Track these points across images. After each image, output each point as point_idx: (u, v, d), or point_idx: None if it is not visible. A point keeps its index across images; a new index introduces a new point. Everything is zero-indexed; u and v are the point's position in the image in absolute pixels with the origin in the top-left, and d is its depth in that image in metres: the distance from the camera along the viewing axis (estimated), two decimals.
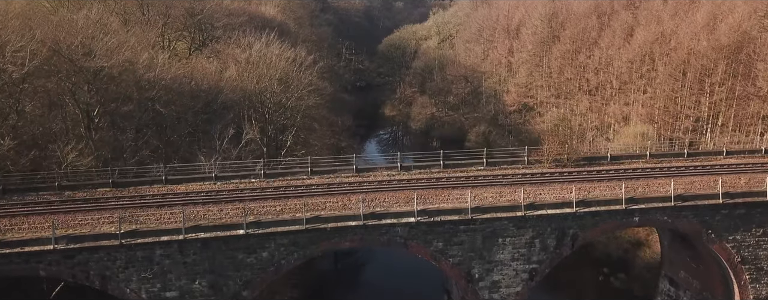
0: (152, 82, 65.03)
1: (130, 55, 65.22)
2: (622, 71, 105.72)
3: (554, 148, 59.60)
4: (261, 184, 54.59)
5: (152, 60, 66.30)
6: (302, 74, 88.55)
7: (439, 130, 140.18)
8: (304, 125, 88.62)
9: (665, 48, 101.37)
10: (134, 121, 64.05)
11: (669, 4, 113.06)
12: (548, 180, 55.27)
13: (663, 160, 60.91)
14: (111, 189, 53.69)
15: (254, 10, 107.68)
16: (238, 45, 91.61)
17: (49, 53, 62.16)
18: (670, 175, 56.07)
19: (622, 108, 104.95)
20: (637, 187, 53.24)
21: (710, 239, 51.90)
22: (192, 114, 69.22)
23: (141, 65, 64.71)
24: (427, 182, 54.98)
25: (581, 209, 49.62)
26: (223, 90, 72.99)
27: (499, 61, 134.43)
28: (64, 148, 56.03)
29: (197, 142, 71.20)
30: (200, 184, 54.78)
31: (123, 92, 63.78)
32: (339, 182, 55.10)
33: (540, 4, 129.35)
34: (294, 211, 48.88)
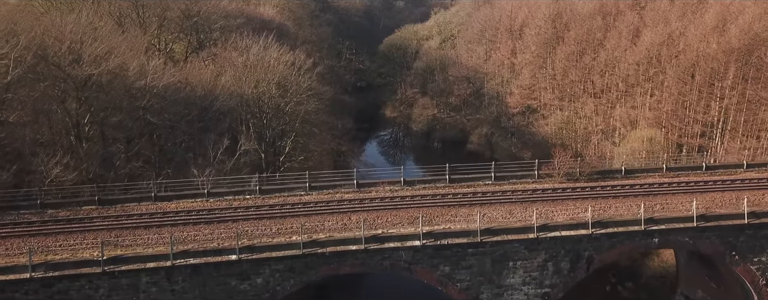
0: (143, 90, 60.98)
1: (120, 61, 61.17)
2: (628, 74, 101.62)
3: (566, 162, 55.56)
4: (256, 202, 50.68)
5: (143, 67, 62.11)
6: (301, 78, 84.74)
7: (440, 131, 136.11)
8: (303, 130, 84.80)
9: (673, 50, 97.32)
10: (124, 132, 59.98)
11: (676, 5, 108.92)
12: (560, 197, 51.32)
13: (680, 174, 56.94)
14: (96, 207, 49.85)
15: (252, 11, 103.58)
16: (236, 48, 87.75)
17: (35, 60, 58.18)
18: (690, 191, 52.15)
19: (629, 111, 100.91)
20: (654, 205, 49.31)
21: (734, 261, 47.98)
22: (186, 123, 65.13)
23: (132, 72, 60.61)
24: (432, 199, 51.00)
25: (597, 231, 45.73)
26: (219, 97, 68.85)
27: (502, 62, 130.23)
28: (48, 162, 52.03)
29: (192, 150, 67.13)
30: (192, 202, 50.88)
31: (112, 101, 59.69)
32: (338, 199, 51.18)
33: (543, 5, 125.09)
34: (291, 232, 45.07)
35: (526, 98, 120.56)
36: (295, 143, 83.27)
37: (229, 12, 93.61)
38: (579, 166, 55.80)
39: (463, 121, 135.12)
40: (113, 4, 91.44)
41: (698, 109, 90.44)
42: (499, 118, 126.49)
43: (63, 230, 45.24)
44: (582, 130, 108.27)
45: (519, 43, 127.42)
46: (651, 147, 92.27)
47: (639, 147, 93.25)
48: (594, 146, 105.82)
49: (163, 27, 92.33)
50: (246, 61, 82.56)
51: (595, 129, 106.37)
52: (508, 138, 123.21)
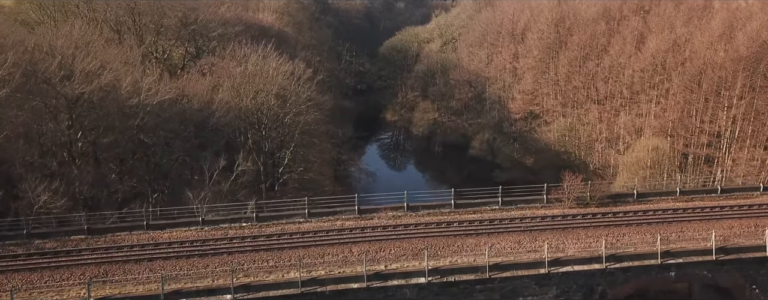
0: (137, 107, 57.96)
1: (113, 77, 58.18)
2: (633, 81, 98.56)
3: (575, 186, 52.53)
4: (252, 231, 47.74)
5: (137, 83, 59.08)
6: (301, 88, 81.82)
7: (441, 135, 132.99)
8: (302, 141, 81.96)
9: (679, 57, 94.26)
10: (117, 152, 57.02)
11: (681, 10, 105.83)
12: (571, 224, 48.38)
13: (694, 198, 53.97)
14: (86, 237, 46.88)
15: (251, 18, 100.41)
16: (234, 57, 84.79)
17: (23, 79, 55.20)
18: (706, 218, 49.23)
19: (634, 119, 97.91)
20: (669, 234, 46.39)
21: (754, 295, 45.06)
22: (181, 139, 62.14)
23: (124, 90, 57.60)
24: (436, 228, 48.02)
25: (612, 265, 42.79)
26: (215, 111, 65.83)
27: (504, 66, 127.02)
28: (36, 188, 49.08)
29: (188, 166, 64.14)
30: (185, 231, 47.91)
31: (104, 120, 56.70)
32: (339, 227, 48.19)
33: (546, 8, 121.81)
34: (289, 265, 42.21)
35: (528, 104, 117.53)
36: (294, 154, 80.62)
37: (227, 19, 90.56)
38: (589, 190, 52.73)
39: (465, 126, 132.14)
40: (109, 11, 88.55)
41: (705, 119, 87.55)
42: (501, 123, 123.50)
43: (49, 265, 42.30)
44: (585, 137, 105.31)
45: (521, 47, 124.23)
46: (657, 157, 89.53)
47: (644, 157, 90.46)
48: (598, 154, 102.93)
49: (161, 34, 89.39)
50: (244, 71, 79.69)
51: (598, 136, 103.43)
52: (511, 143, 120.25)
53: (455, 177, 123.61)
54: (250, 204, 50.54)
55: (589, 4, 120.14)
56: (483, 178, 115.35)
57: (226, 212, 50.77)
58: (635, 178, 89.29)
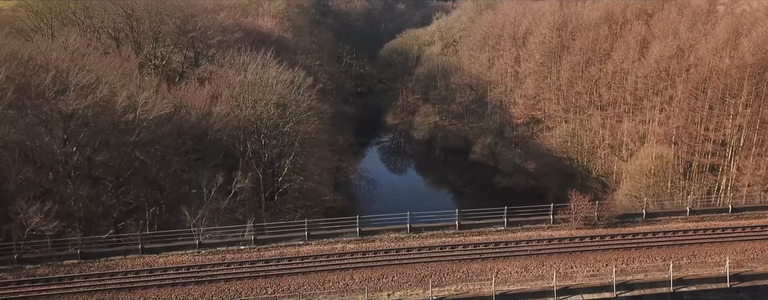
0: (133, 123, 56.00)
1: (107, 92, 56.22)
2: (636, 87, 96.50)
3: (583, 206, 50.57)
4: (250, 255, 45.82)
5: (132, 98, 57.12)
6: (301, 97, 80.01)
7: (442, 140, 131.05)
8: (302, 151, 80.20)
9: (683, 64, 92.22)
10: (112, 169, 55.07)
11: (685, 15, 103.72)
12: (579, 248, 46.48)
13: (705, 218, 52.01)
14: (79, 261, 44.94)
15: (250, 24, 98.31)
16: (233, 65, 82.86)
17: (16, 95, 53.27)
18: (718, 240, 47.34)
19: (637, 126, 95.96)
20: (681, 258, 44.54)
21: None
22: (178, 154, 60.21)
23: (120, 106, 55.61)
24: (440, 251, 46.11)
25: (622, 293, 40.94)
26: (214, 124, 63.89)
27: (505, 70, 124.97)
28: (28, 209, 47.19)
29: (186, 182, 62.15)
30: (181, 255, 45.99)
31: (99, 136, 54.74)
32: (340, 251, 46.29)
33: (548, 12, 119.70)
34: (288, 294, 40.31)
35: (530, 109, 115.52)
36: (294, 163, 78.92)
37: (226, 26, 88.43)
38: (597, 210, 50.80)
39: (466, 129, 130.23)
40: (107, 17, 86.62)
41: (710, 126, 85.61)
42: (502, 127, 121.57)
43: (40, 294, 40.44)
44: (588, 143, 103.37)
45: (523, 51, 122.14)
46: (661, 165, 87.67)
47: (648, 164, 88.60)
48: (600, 161, 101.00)
49: (159, 41, 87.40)
50: (243, 80, 77.85)
51: (601, 143, 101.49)
52: (512, 148, 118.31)
53: (456, 180, 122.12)
54: (248, 226, 48.55)
55: (591, 7, 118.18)
56: (484, 183, 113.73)
57: (224, 234, 48.78)
58: (639, 187, 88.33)
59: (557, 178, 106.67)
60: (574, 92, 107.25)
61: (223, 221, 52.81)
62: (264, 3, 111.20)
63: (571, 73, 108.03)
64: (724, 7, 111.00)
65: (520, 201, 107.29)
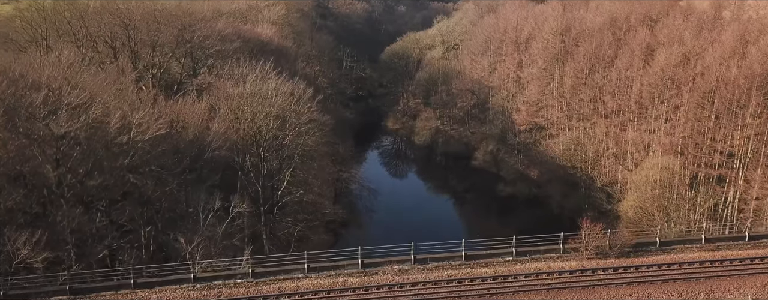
0: (126, 145, 53.39)
1: (100, 113, 53.60)
2: (641, 95, 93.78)
3: (594, 236, 47.99)
4: (248, 290, 43.43)
5: (126, 118, 54.48)
6: (301, 109, 77.51)
7: (444, 145, 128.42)
8: (302, 164, 77.77)
9: (690, 73, 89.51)
10: (105, 194, 52.47)
11: (690, 22, 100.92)
12: (591, 281, 44.00)
13: (721, 247, 49.51)
14: (68, 297, 42.36)
15: (250, 32, 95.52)
16: (232, 76, 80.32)
17: (5, 117, 50.68)
18: (736, 272, 44.79)
19: (643, 135, 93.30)
20: (698, 293, 42.10)
21: None
22: (174, 175, 57.59)
23: (113, 127, 52.96)
24: (446, 286, 43.68)
25: None
26: (211, 142, 61.29)
27: (507, 75, 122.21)
28: (15, 240, 44.65)
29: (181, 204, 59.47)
30: (176, 290, 43.56)
31: (91, 158, 52.14)
32: (341, 286, 43.75)
33: (551, 17, 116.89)
34: None
35: (533, 115, 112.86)
36: (293, 176, 76.52)
37: (224, 36, 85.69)
38: (609, 240, 48.19)
39: (468, 135, 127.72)
40: (104, 27, 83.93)
41: (717, 137, 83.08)
42: (504, 133, 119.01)
43: None
44: (592, 152, 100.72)
45: (525, 57, 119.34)
46: (667, 176, 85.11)
47: (654, 175, 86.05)
48: (605, 170, 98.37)
49: (156, 50, 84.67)
50: (242, 92, 75.30)
51: (606, 152, 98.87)
52: (515, 155, 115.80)
53: (458, 187, 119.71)
54: (245, 258, 45.98)
55: (595, 12, 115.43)
56: (487, 190, 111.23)
57: (221, 264, 46.24)
58: (644, 198, 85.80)
59: (560, 186, 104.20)
60: (577, 100, 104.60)
61: (220, 248, 50.25)
62: (264, 9, 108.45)
63: (574, 80, 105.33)
64: (730, 13, 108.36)
65: (523, 209, 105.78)
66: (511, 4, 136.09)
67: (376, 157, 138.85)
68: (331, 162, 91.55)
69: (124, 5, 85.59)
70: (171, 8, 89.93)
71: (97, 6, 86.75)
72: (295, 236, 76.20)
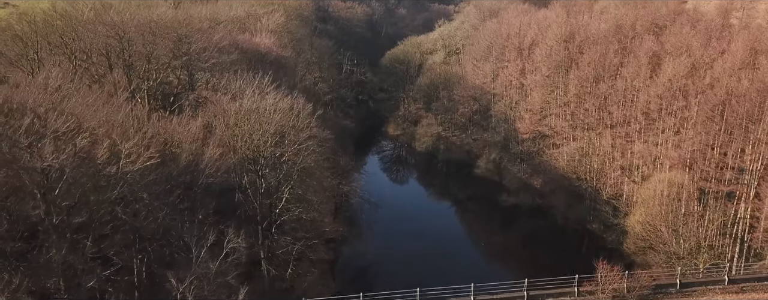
0: (115, 177, 49.72)
1: (88, 143, 49.89)
2: (649, 107, 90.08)
3: (611, 278, 44.39)
4: None
5: (115, 147, 50.81)
6: (300, 123, 73.99)
7: (445, 152, 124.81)
8: (302, 182, 74.26)
9: (699, 84, 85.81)
10: (92, 228, 48.84)
11: (698, 30, 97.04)
12: None
13: (745, 288, 46.03)
14: None
15: (248, 42, 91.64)
16: (228, 90, 76.67)
17: None
18: None
19: (650, 148, 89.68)
20: None
21: None
22: (167, 204, 53.94)
23: (101, 158, 49.30)
24: None
25: None
26: (206, 168, 57.63)
27: (510, 81, 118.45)
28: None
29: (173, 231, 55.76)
30: None
31: (77, 193, 48.47)
32: None
33: (555, 23, 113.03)
34: None
35: (536, 124, 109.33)
36: (292, 193, 73.09)
37: (222, 48, 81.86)
38: (627, 282, 44.61)
39: (470, 141, 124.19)
40: (97, 40, 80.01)
41: (728, 152, 79.47)
42: (507, 141, 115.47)
43: None
44: (597, 163, 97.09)
45: (528, 63, 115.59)
46: (677, 191, 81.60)
47: (662, 190, 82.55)
48: (611, 182, 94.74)
49: (152, 62, 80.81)
50: (239, 109, 71.69)
51: (611, 163, 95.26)
52: (518, 163, 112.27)
53: (460, 195, 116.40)
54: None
55: (599, 19, 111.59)
56: (489, 200, 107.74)
57: None
58: (653, 214, 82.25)
59: (565, 196, 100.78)
60: (582, 109, 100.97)
61: (213, 287, 46.68)
62: (263, 17, 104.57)
63: (579, 89, 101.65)
64: (738, 20, 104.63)
65: (526, 219, 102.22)
66: (513, 8, 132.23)
67: (377, 163, 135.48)
68: (331, 175, 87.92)
69: (119, 17, 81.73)
70: (167, 19, 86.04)
71: (90, 17, 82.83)
72: (294, 255, 73.24)
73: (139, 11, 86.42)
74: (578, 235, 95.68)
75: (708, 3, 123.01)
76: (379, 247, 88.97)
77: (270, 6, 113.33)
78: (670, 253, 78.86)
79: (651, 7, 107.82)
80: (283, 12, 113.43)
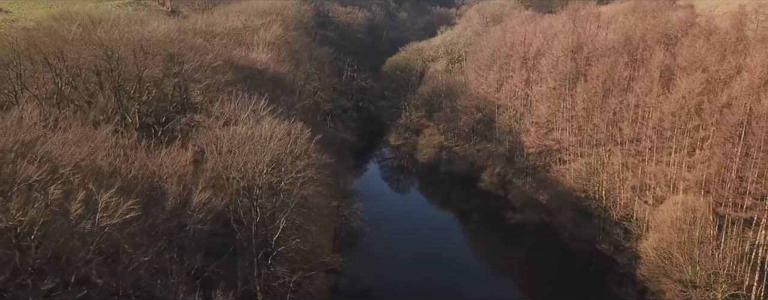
0: (91, 234, 43.85)
1: (61, 195, 43.98)
2: (662, 125, 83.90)
3: None
4: None
5: (92, 197, 44.92)
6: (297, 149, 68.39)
7: (448, 164, 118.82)
8: (299, 212, 68.90)
9: (716, 104, 79.70)
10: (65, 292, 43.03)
11: (712, 44, 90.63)
12: None
13: None
14: None
15: (244, 59, 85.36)
16: (222, 115, 70.91)
17: None
18: None
19: (664, 169, 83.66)
20: None
21: None
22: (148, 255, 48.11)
23: (74, 213, 43.40)
24: None
25: None
26: (194, 212, 51.83)
27: (515, 92, 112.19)
28: None
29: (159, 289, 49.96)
30: None
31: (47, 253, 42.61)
32: None
33: (561, 33, 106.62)
34: None
35: (542, 138, 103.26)
36: (290, 222, 67.88)
37: (216, 68, 75.81)
38: None
39: (473, 152, 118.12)
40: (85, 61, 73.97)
41: (748, 176, 73.59)
42: (512, 154, 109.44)
43: None
44: (607, 181, 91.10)
45: (533, 74, 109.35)
46: (692, 218, 75.76)
47: (677, 216, 76.68)
48: (621, 202, 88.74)
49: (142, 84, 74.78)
50: (232, 138, 66.03)
51: (623, 183, 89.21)
52: (523, 177, 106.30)
53: (465, 209, 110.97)
54: None
55: (607, 29, 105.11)
56: (494, 217, 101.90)
57: None
58: (668, 241, 76.42)
59: (572, 213, 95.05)
60: (591, 125, 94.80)
61: None
62: (260, 29, 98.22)
63: (588, 103, 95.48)
64: (753, 33, 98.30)
65: (533, 237, 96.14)
66: (517, 15, 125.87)
67: (377, 172, 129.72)
68: (331, 195, 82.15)
69: (108, 35, 75.45)
70: (159, 35, 79.82)
71: (77, 35, 76.62)
72: (291, 287, 68.16)
73: (130, 27, 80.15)
74: (587, 255, 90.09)
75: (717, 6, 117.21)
76: (381, 270, 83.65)
77: (268, 16, 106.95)
78: (686, 282, 73.48)
79: (661, 17, 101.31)
80: (281, 22, 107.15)
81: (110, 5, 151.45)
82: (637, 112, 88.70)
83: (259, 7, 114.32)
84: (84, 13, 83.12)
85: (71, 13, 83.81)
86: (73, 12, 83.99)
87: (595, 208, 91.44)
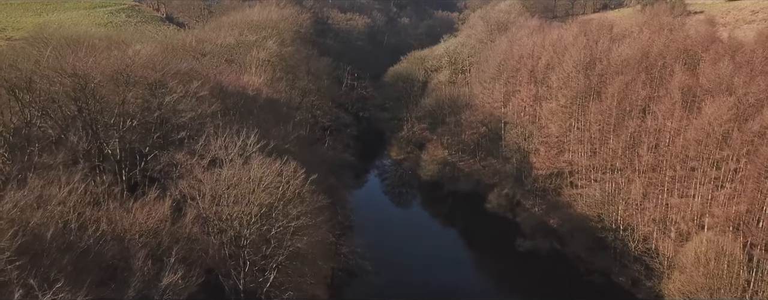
0: None
1: None
2: (687, 154, 74.22)
3: None
4: None
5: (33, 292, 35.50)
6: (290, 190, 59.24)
7: (453, 182, 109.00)
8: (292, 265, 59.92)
9: (747, 133, 70.09)
10: None
11: (737, 63, 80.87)
12: None
13: None
14: None
15: (234, 84, 75.32)
16: (206, 152, 61.44)
17: None
18: None
19: (690, 202, 74.06)
20: None
21: None
22: None
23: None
24: None
25: None
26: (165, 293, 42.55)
27: (523, 108, 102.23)
28: None
29: None
30: None
31: None
32: None
33: (572, 46, 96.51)
34: None
35: (553, 160, 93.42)
36: (282, 273, 59.03)
37: (201, 98, 66.01)
38: None
39: (479, 169, 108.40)
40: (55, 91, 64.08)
41: None
42: (520, 174, 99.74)
43: None
44: (624, 211, 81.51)
45: (542, 89, 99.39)
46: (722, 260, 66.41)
47: (706, 256, 67.21)
48: (641, 235, 79.08)
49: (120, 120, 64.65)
50: (217, 182, 56.76)
51: (642, 213, 79.57)
52: (533, 199, 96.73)
53: (471, 233, 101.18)
54: None
55: (621, 42, 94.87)
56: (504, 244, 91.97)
57: None
58: (695, 284, 67.20)
59: (586, 241, 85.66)
60: (607, 149, 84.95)
61: None
62: (253, 48, 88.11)
63: (603, 126, 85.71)
64: None
65: (545, 265, 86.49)
66: (524, 24, 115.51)
67: (377, 187, 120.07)
68: (329, 230, 72.56)
69: (82, 63, 65.04)
70: (142, 60, 69.61)
71: (49, 63, 66.40)
72: None
73: (109, 53, 70.12)
74: (604, 288, 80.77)
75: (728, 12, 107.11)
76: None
77: (262, 31, 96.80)
78: None
79: (680, 31, 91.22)
80: (277, 37, 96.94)
81: (102, 12, 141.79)
82: (657, 138, 79.06)
83: (253, 20, 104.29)
84: (59, 35, 72.94)
85: (46, 35, 73.73)
86: (48, 34, 73.91)
87: (612, 239, 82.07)
